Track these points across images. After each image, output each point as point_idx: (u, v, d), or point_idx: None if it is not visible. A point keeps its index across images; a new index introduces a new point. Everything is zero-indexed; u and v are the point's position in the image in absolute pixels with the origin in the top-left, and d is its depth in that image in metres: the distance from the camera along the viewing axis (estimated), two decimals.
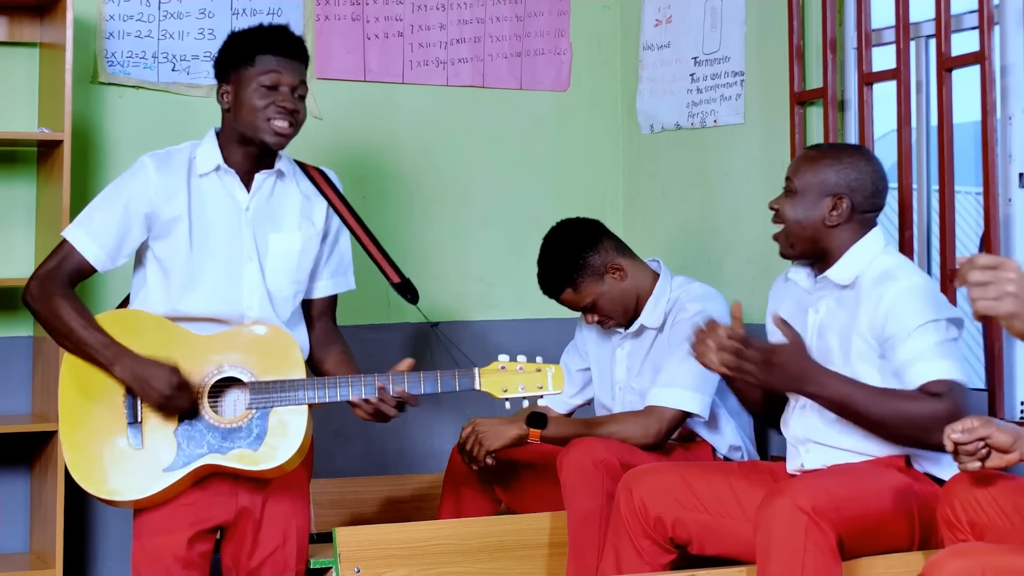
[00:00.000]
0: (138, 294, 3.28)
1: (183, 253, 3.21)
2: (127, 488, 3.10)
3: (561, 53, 4.63)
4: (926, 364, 2.94)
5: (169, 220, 3.21)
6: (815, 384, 2.93)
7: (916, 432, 2.89)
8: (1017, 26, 3.43)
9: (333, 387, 3.13)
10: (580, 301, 3.66)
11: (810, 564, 2.75)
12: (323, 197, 3.37)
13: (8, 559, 3.92)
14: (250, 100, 3.21)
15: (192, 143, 3.32)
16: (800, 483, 2.84)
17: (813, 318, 3.15)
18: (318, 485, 4.05)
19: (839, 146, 3.26)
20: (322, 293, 3.40)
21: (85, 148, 4.06)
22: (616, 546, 3.14)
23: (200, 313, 3.21)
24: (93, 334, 3.12)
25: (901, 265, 3.09)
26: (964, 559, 2.42)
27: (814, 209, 3.13)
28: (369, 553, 3.30)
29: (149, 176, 3.22)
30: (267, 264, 3.26)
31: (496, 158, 4.57)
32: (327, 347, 3.39)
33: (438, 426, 4.40)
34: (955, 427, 2.57)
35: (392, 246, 4.33)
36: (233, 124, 3.25)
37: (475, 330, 4.50)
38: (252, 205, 3.26)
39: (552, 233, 3.72)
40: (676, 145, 4.44)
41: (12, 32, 4.01)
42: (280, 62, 3.23)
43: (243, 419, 3.12)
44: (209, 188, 3.25)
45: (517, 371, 3.17)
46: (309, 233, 3.32)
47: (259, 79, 3.21)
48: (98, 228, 3.21)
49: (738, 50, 4.17)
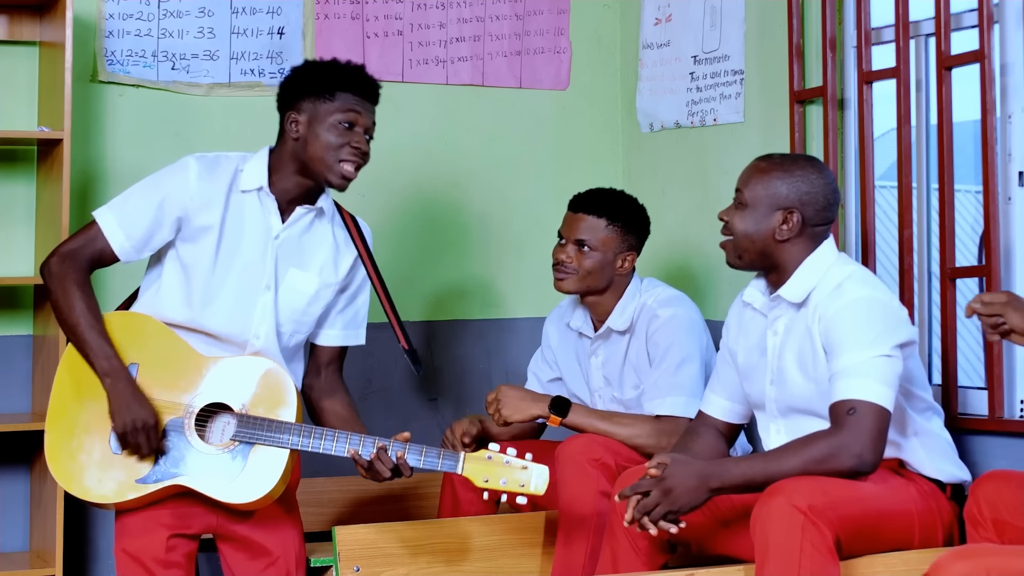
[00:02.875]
0: (150, 291, 3.24)
1: (207, 263, 3.18)
2: (98, 490, 3.09)
3: (561, 52, 4.62)
4: (845, 381, 2.93)
5: (200, 227, 3.18)
6: (716, 478, 2.91)
7: (828, 467, 2.88)
8: (1017, 25, 3.43)
9: (319, 438, 3.09)
10: (585, 234, 3.62)
11: (807, 563, 2.75)
12: (354, 247, 3.33)
13: (8, 558, 3.92)
14: (325, 135, 3.17)
15: (243, 155, 3.28)
16: (797, 482, 2.84)
17: (772, 339, 3.14)
18: (318, 484, 4.06)
19: (791, 157, 3.21)
20: (330, 342, 3.36)
21: (85, 147, 4.06)
22: (613, 546, 3.14)
23: (208, 328, 3.18)
24: (96, 337, 3.09)
25: (851, 277, 3.06)
26: (969, 560, 2.43)
27: (764, 222, 3.10)
28: (369, 552, 3.30)
29: (190, 179, 3.18)
30: (280, 298, 3.23)
31: (496, 157, 4.56)
32: (329, 396, 3.36)
33: (438, 426, 4.40)
34: (978, 297, 2.62)
35: (392, 246, 4.35)
36: (296, 152, 3.21)
37: (475, 330, 4.50)
38: (283, 235, 3.22)
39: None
40: (676, 144, 4.44)
41: (12, 31, 4.01)
42: (360, 102, 3.20)
43: (225, 448, 3.10)
44: (248, 206, 3.21)
45: (503, 464, 3.06)
46: (328, 280, 3.28)
47: (338, 115, 3.17)
48: (130, 218, 3.17)
49: (738, 49, 4.17)
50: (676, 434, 3.46)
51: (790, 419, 3.12)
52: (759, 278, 3.21)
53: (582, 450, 3.38)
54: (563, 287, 3.65)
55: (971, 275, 3.54)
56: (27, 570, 3.77)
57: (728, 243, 3.16)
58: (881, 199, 4.10)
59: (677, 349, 3.54)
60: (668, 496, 2.89)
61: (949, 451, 3.16)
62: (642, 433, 3.49)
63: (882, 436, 2.90)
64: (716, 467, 2.93)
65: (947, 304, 3.50)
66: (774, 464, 2.90)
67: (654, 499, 2.90)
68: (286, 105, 3.25)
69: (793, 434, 3.05)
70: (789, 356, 3.09)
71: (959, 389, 3.50)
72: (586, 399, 3.76)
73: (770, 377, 3.14)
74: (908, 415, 3.10)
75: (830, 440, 2.90)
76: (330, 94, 3.18)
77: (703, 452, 3.22)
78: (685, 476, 2.90)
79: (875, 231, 3.77)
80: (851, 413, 2.89)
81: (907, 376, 3.06)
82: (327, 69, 3.25)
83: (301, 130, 3.20)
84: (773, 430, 3.15)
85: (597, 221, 3.63)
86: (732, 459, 3.00)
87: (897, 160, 3.65)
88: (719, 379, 3.31)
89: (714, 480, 2.91)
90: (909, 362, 3.06)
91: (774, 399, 3.14)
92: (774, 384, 3.13)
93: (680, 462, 2.93)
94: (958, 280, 3.51)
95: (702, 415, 3.32)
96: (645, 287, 3.68)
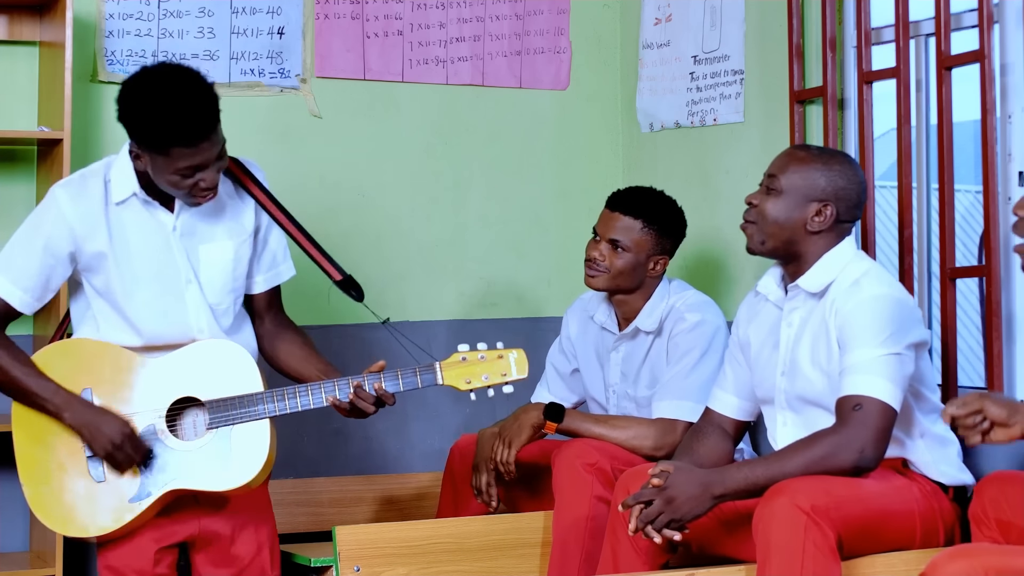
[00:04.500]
0: (87, 322, 3.17)
1: (117, 287, 3.10)
2: (94, 524, 3.05)
3: (561, 52, 4.62)
4: (853, 377, 2.93)
5: (92, 255, 3.09)
6: (719, 485, 2.91)
7: (830, 464, 2.88)
8: (1017, 25, 3.43)
9: (293, 397, 3.05)
10: (619, 234, 3.60)
11: (809, 563, 2.75)
12: (248, 194, 3.22)
13: (8, 558, 3.92)
14: (169, 179, 3.00)
15: (106, 162, 3.15)
16: (800, 482, 2.84)
17: (786, 331, 3.14)
18: (318, 484, 4.06)
19: (828, 151, 3.21)
20: (260, 288, 3.28)
21: (85, 147, 4.06)
22: (614, 545, 3.14)
23: (161, 341, 3.12)
24: (38, 381, 3.03)
25: (868, 274, 3.06)
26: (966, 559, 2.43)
27: (797, 211, 3.10)
28: (369, 552, 3.30)
29: (64, 210, 3.07)
30: (202, 279, 3.16)
31: (496, 157, 4.56)
32: (279, 338, 3.29)
33: (438, 425, 4.40)
34: (953, 402, 2.59)
35: (391, 245, 4.34)
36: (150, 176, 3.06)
37: (475, 330, 4.50)
38: (179, 224, 3.13)
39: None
40: (676, 144, 4.44)
41: (12, 31, 4.01)
42: (195, 150, 2.96)
43: (204, 440, 3.06)
44: (129, 216, 3.11)
45: (479, 360, 3.10)
46: (240, 238, 3.19)
47: (176, 166, 2.97)
48: (19, 272, 3.08)
49: (738, 49, 4.17)
50: (673, 436, 3.46)
51: (799, 411, 3.11)
52: (776, 267, 3.20)
53: (578, 455, 3.39)
54: (593, 284, 3.64)
55: (971, 275, 3.54)
56: (27, 570, 3.77)
57: (752, 227, 3.14)
58: (881, 199, 4.10)
59: (695, 354, 3.54)
60: (671, 505, 2.88)
61: (954, 454, 3.16)
62: (639, 435, 3.49)
63: (886, 434, 2.90)
64: (718, 474, 2.93)
65: (947, 304, 3.50)
66: (776, 466, 2.89)
67: (657, 508, 2.89)
68: (128, 135, 3.04)
69: (801, 426, 3.05)
70: (803, 348, 3.08)
71: (959, 389, 3.50)
72: (600, 394, 3.76)
73: (781, 368, 3.13)
74: (915, 416, 3.09)
75: (833, 437, 2.90)
76: (163, 151, 2.96)
77: (708, 454, 3.21)
78: (688, 484, 2.89)
79: (875, 231, 3.77)
80: (857, 409, 2.89)
81: (917, 377, 3.06)
82: (152, 123, 2.95)
83: (147, 167, 3.03)
84: (780, 422, 3.14)
85: (633, 222, 3.62)
86: (734, 465, 3.00)
87: (897, 160, 3.65)
88: (727, 376, 3.30)
89: (717, 487, 2.90)
90: (920, 363, 3.06)
91: (784, 390, 3.13)
92: (785, 375, 3.12)
93: (682, 470, 2.93)
94: (958, 280, 3.51)
95: (709, 413, 3.31)
96: (674, 289, 3.67)
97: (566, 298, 4.02)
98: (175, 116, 2.93)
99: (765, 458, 2.96)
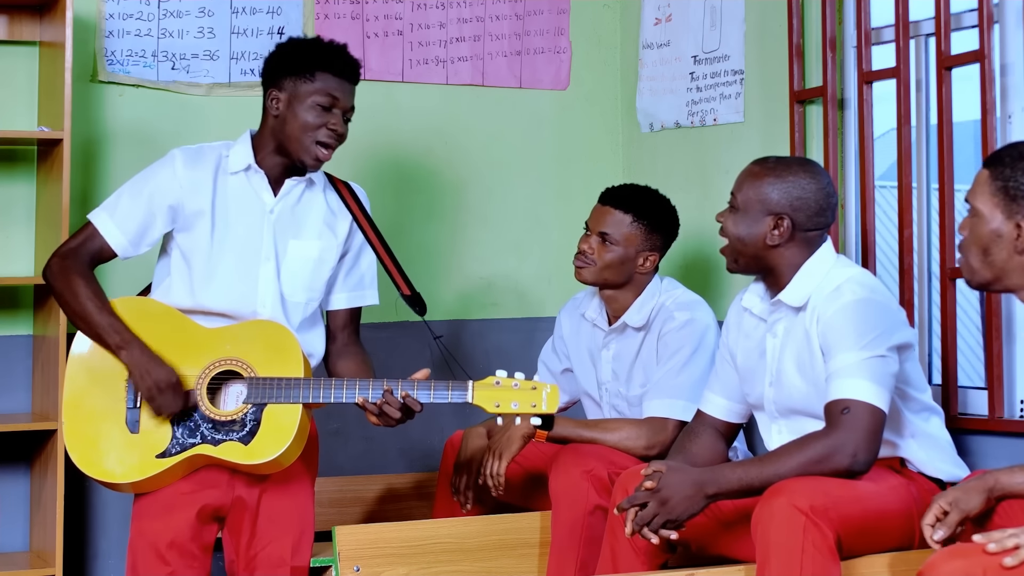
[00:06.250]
0: (160, 283, 3.30)
1: (204, 247, 3.24)
2: (121, 471, 3.13)
3: (561, 52, 4.62)
4: (839, 382, 2.94)
5: (192, 214, 3.24)
6: (712, 485, 2.91)
7: (823, 467, 2.89)
8: (1017, 25, 3.43)
9: (328, 388, 3.13)
10: (609, 227, 3.63)
11: (808, 564, 2.75)
12: (348, 212, 3.38)
13: (8, 558, 3.92)
14: (303, 115, 3.22)
15: (226, 142, 3.33)
16: (798, 483, 2.84)
17: (772, 342, 3.14)
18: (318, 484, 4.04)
19: (785, 161, 3.18)
20: (339, 306, 3.40)
21: (85, 147, 4.06)
22: (613, 546, 3.14)
23: (214, 307, 3.23)
24: (106, 317, 3.16)
25: (850, 279, 3.06)
26: (962, 559, 2.44)
27: (756, 227, 3.10)
28: (368, 551, 3.31)
29: (176, 169, 3.25)
30: (283, 268, 3.27)
31: (496, 157, 4.56)
32: (344, 358, 3.39)
33: (438, 425, 4.40)
34: (932, 532, 2.66)
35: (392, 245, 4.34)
36: (275, 130, 3.26)
37: (475, 330, 4.50)
38: (277, 209, 3.28)
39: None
40: (676, 144, 4.44)
41: (12, 31, 4.01)
42: (339, 84, 3.24)
43: (238, 413, 3.14)
44: (236, 186, 3.27)
45: (512, 388, 3.10)
46: (329, 244, 3.33)
47: (316, 97, 3.21)
48: (123, 215, 3.24)
49: (738, 49, 4.17)
50: (665, 434, 3.47)
51: (790, 420, 3.12)
52: (757, 282, 3.21)
53: (574, 462, 3.39)
54: (581, 276, 3.67)
55: None
56: (27, 570, 3.78)
57: (726, 248, 3.17)
58: (881, 199, 4.10)
59: (685, 353, 3.54)
60: (665, 506, 2.89)
61: (948, 451, 3.17)
62: (630, 436, 3.50)
63: (876, 435, 2.91)
64: (712, 473, 2.93)
65: (947, 304, 3.50)
66: (770, 467, 2.90)
67: (651, 510, 2.90)
68: (268, 82, 3.29)
69: (794, 433, 3.05)
70: (788, 359, 3.09)
71: (959, 389, 3.50)
72: (594, 392, 3.76)
73: (769, 379, 3.14)
74: (904, 417, 3.10)
75: (824, 440, 2.90)
76: (310, 74, 3.22)
77: (702, 453, 3.22)
78: (681, 485, 2.90)
79: (875, 231, 3.77)
80: (845, 413, 2.90)
81: (903, 378, 3.06)
82: (308, 48, 3.27)
83: (281, 108, 3.24)
84: (775, 430, 3.16)
85: (623, 216, 3.64)
86: (728, 464, 3.00)
87: (897, 160, 3.65)
88: (718, 378, 3.31)
89: (710, 487, 2.91)
90: (906, 365, 3.07)
91: (773, 400, 3.14)
92: (773, 386, 3.13)
93: (675, 470, 2.94)
94: (958, 280, 3.51)
95: (701, 415, 3.32)
96: (665, 287, 3.68)
97: (566, 298, 4.02)
98: (329, 46, 3.27)
99: (759, 459, 2.96)
